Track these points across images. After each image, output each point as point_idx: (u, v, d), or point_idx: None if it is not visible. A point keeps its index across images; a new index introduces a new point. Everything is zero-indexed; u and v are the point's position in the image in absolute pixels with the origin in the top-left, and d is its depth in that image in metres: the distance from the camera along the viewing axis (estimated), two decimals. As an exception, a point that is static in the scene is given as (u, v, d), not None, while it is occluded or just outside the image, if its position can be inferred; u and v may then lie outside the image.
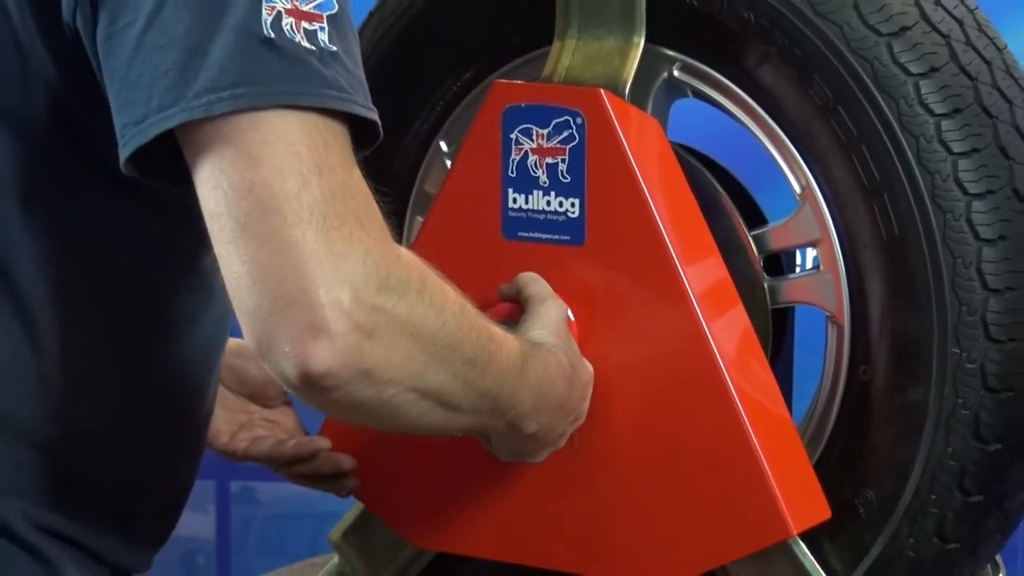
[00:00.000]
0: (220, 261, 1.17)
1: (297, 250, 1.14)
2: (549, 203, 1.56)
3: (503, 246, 1.56)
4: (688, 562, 1.56)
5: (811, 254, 1.62)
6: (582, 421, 1.52)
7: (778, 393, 1.58)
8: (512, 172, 1.56)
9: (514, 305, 1.53)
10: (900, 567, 1.56)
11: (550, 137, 1.55)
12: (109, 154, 1.18)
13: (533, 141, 1.56)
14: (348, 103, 1.18)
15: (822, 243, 1.58)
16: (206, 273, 1.33)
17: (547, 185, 1.55)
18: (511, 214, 1.56)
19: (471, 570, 1.76)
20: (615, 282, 1.54)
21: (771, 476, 1.50)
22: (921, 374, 1.52)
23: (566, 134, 1.54)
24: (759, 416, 1.52)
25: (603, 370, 1.54)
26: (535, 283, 1.52)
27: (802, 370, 1.69)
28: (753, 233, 1.62)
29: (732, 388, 1.51)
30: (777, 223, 1.63)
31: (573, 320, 1.54)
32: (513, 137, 1.56)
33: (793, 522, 1.50)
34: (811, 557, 1.55)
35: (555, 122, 1.55)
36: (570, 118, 1.54)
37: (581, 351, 1.53)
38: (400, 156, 1.77)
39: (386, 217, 1.22)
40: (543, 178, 1.56)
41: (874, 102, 1.51)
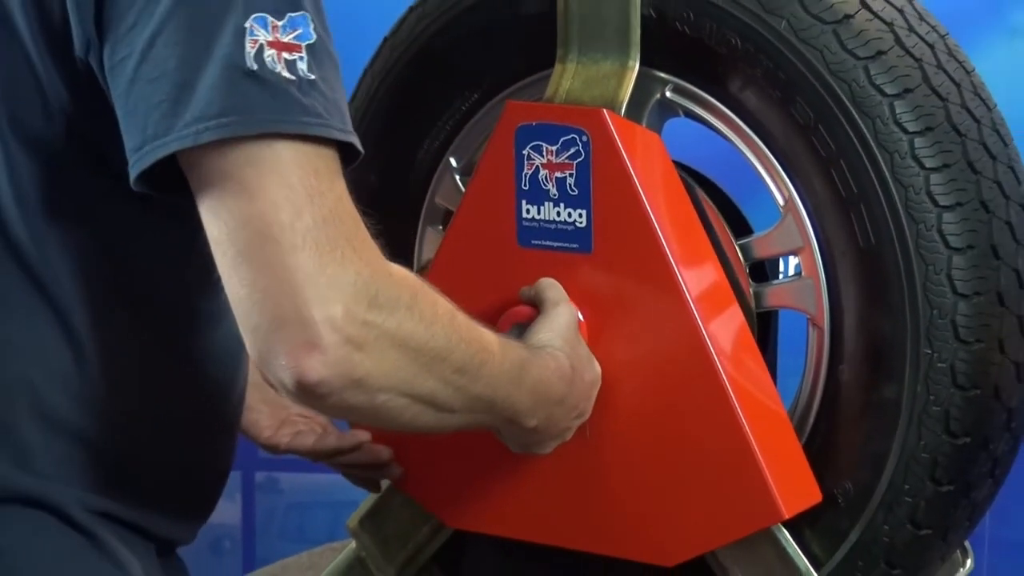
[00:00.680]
0: (224, 282, 1.20)
1: (292, 275, 1.17)
2: (559, 214, 1.57)
3: (518, 253, 1.58)
4: (687, 542, 1.57)
5: (793, 262, 1.62)
6: (586, 417, 1.53)
7: (772, 386, 1.59)
8: (525, 185, 1.57)
9: (532, 309, 1.54)
10: (876, 552, 1.56)
11: (559, 153, 1.56)
12: (124, 171, 1.21)
13: (543, 157, 1.57)
14: (326, 128, 1.19)
15: (803, 251, 1.57)
16: None
17: (557, 197, 1.57)
18: (525, 224, 1.58)
19: (476, 553, 1.78)
20: (620, 285, 1.55)
21: (763, 463, 1.51)
22: (895, 373, 1.52)
23: (573, 150, 1.55)
24: (752, 407, 1.53)
25: (609, 366, 1.55)
26: (552, 288, 1.54)
27: (785, 369, 1.68)
28: (739, 242, 1.62)
29: (726, 381, 1.51)
30: (762, 233, 1.62)
31: (583, 321, 1.55)
32: (525, 153, 1.57)
33: (784, 506, 1.51)
34: (793, 543, 1.56)
35: (563, 139, 1.56)
36: (576, 136, 1.55)
37: (590, 349, 1.54)
38: (413, 171, 1.77)
39: (375, 237, 1.23)
40: (553, 191, 1.57)
41: (852, 121, 1.51)
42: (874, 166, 1.51)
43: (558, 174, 1.56)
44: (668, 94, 1.62)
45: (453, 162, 1.75)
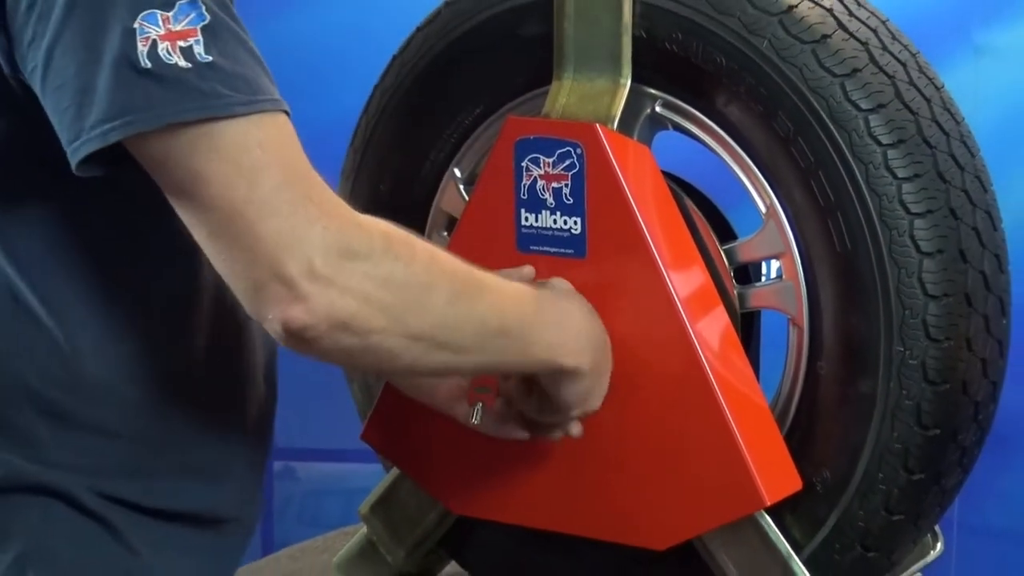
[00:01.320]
0: (207, 256, 1.22)
1: (262, 243, 1.18)
2: (555, 221, 1.57)
3: (517, 258, 1.58)
4: (677, 527, 1.57)
5: (775, 265, 1.62)
6: (611, 366, 1.50)
7: (755, 381, 1.59)
8: (524, 195, 1.58)
9: None
10: (852, 536, 1.57)
11: (555, 165, 1.56)
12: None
13: (541, 168, 1.57)
14: (228, 107, 1.17)
15: (784, 256, 1.58)
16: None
17: (553, 206, 1.57)
18: (524, 230, 1.59)
19: (481, 537, 1.78)
20: (612, 288, 1.55)
21: (747, 453, 1.51)
22: (870, 369, 1.53)
23: (568, 162, 1.56)
24: (737, 400, 1.54)
25: None
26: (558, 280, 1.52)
27: (767, 365, 1.68)
28: (724, 247, 1.62)
29: (712, 376, 1.52)
30: (745, 238, 1.62)
31: None
32: (524, 165, 1.58)
33: (767, 494, 1.52)
34: (775, 528, 1.57)
35: (559, 152, 1.56)
36: (572, 148, 1.55)
37: None
38: (420, 180, 1.77)
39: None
40: (550, 200, 1.57)
41: (829, 134, 1.51)
42: (850, 176, 1.51)
43: (554, 184, 1.57)
44: (658, 109, 1.62)
45: (457, 172, 1.75)
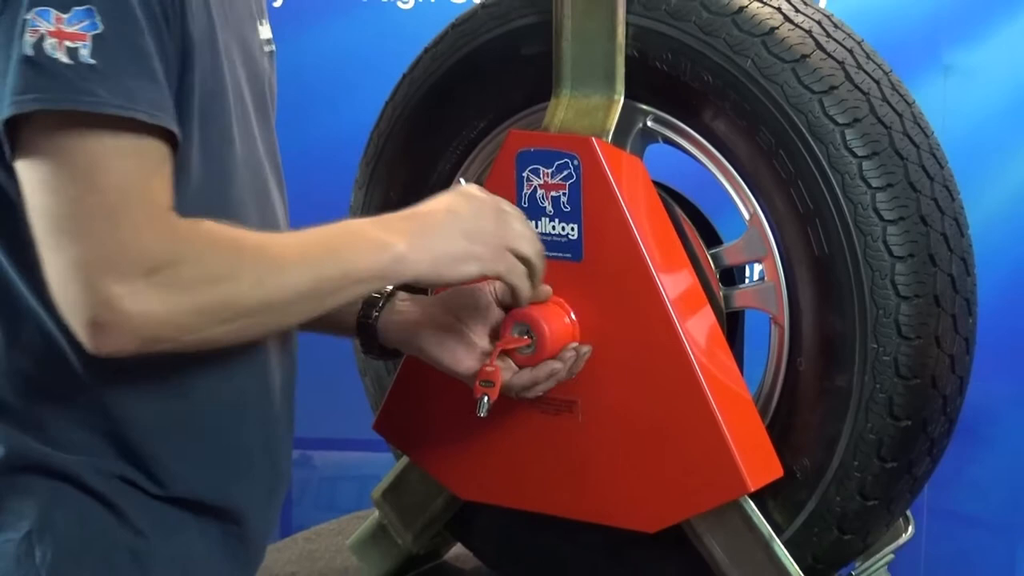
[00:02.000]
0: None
1: (69, 270, 1.17)
2: (554, 227, 1.58)
3: None
4: (666, 512, 1.59)
5: (757, 268, 1.63)
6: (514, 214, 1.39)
7: (739, 375, 1.60)
8: (524, 203, 1.58)
9: (533, 308, 1.49)
10: (829, 520, 1.58)
11: (554, 175, 1.57)
12: None
13: (540, 178, 1.58)
14: (101, 106, 1.16)
15: (766, 259, 1.59)
16: None
17: (552, 213, 1.58)
18: None
19: (484, 523, 1.80)
20: (607, 289, 1.56)
21: (731, 442, 1.52)
22: (846, 365, 1.54)
23: (566, 173, 1.57)
24: (722, 393, 1.55)
25: (598, 359, 1.55)
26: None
27: (751, 361, 1.68)
28: (711, 251, 1.64)
29: (699, 371, 1.53)
30: (730, 243, 1.64)
31: (574, 320, 1.55)
32: (525, 175, 1.59)
33: (750, 480, 1.53)
34: (758, 512, 1.59)
35: (557, 163, 1.57)
36: (569, 160, 1.56)
37: (580, 345, 1.53)
38: (428, 189, 1.73)
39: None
40: (549, 208, 1.58)
41: (808, 146, 1.53)
42: (827, 186, 1.52)
43: (553, 193, 1.57)
44: (649, 123, 1.64)
45: (463, 182, 1.69)
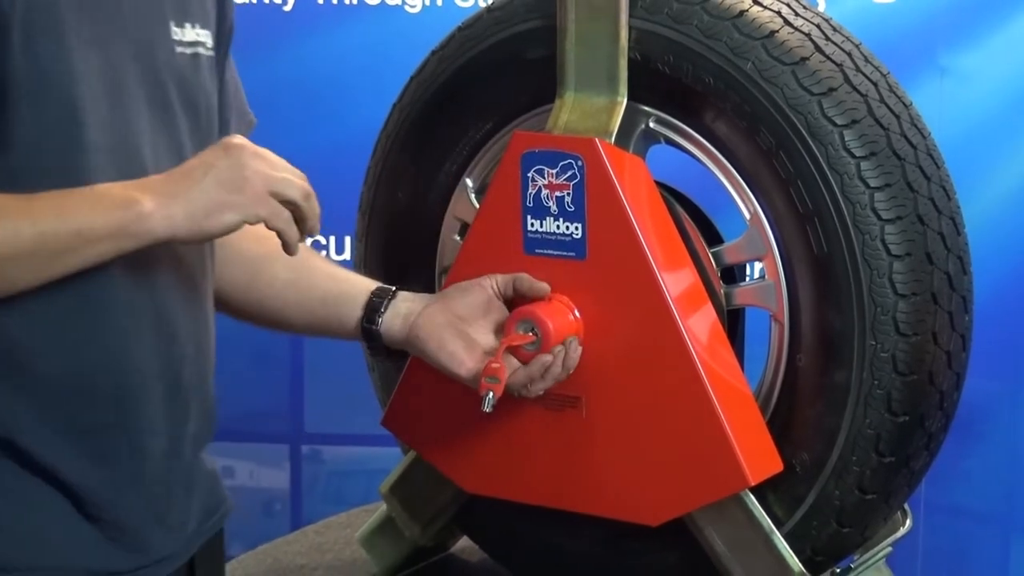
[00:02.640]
0: None
1: None
2: (559, 227, 1.58)
3: (524, 260, 1.59)
4: (668, 505, 1.59)
5: (758, 266, 1.63)
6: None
7: (739, 371, 1.60)
8: (530, 203, 1.59)
9: (534, 305, 1.53)
10: (828, 513, 1.58)
11: (558, 175, 1.57)
12: None
13: (545, 178, 1.58)
14: None
15: (766, 258, 1.59)
16: None
17: (556, 213, 1.58)
18: (530, 235, 1.59)
19: (486, 516, 1.79)
20: (610, 287, 1.56)
21: (732, 437, 1.53)
22: (845, 361, 1.54)
23: (570, 173, 1.57)
24: (723, 389, 1.55)
25: (601, 355, 1.56)
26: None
27: (751, 358, 1.68)
28: (712, 250, 1.64)
29: (701, 367, 1.53)
30: (731, 242, 1.64)
31: (579, 317, 1.56)
32: (530, 176, 1.59)
33: (751, 474, 1.53)
34: (759, 505, 1.59)
35: (561, 164, 1.57)
36: (573, 161, 1.56)
37: (584, 342, 1.55)
38: (435, 189, 1.77)
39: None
40: (553, 207, 1.58)
41: (807, 147, 1.53)
42: (826, 185, 1.52)
43: (557, 193, 1.58)
44: (651, 125, 1.63)
45: (469, 183, 1.76)
